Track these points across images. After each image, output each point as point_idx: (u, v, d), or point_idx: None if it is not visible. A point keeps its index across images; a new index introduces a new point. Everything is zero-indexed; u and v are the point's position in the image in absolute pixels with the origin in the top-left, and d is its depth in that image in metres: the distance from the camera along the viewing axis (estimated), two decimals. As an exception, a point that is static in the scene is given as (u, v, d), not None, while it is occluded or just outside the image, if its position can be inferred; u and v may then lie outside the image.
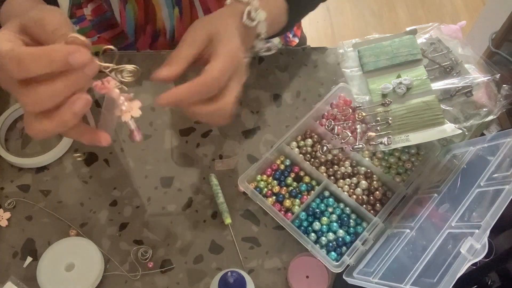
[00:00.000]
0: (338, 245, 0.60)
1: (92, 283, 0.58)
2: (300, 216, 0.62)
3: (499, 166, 0.52)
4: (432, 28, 0.69)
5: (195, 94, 0.46)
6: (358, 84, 0.66)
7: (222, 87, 0.47)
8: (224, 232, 0.63)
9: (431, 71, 0.65)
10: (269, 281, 0.60)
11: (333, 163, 0.66)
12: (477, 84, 0.63)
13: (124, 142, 0.69)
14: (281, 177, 0.65)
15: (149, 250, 0.61)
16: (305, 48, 0.78)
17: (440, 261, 0.47)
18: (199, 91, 0.46)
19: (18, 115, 0.69)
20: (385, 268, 0.54)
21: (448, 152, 0.65)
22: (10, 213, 0.63)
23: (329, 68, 0.76)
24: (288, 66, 0.76)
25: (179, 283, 0.60)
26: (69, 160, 0.67)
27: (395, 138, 0.60)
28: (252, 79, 0.75)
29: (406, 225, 0.58)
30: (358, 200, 0.63)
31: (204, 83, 0.45)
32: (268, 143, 0.70)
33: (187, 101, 0.47)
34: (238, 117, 0.71)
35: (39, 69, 0.37)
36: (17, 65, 0.36)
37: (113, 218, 0.64)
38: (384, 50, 0.66)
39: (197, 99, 0.47)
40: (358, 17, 2.08)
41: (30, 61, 0.36)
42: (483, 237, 0.44)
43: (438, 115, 0.61)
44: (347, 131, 0.65)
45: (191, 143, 0.69)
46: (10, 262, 0.60)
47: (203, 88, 0.46)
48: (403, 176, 0.65)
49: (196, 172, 0.67)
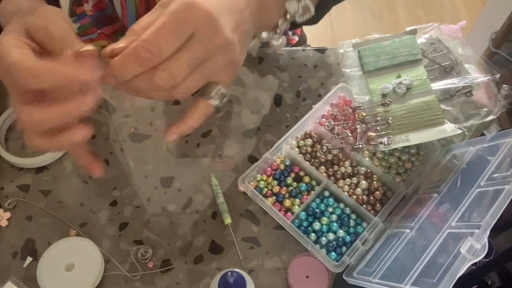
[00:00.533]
0: (338, 245, 0.60)
1: (92, 283, 0.58)
2: (300, 216, 0.62)
3: (499, 166, 0.52)
4: (432, 28, 0.69)
5: (128, 64, 0.38)
6: (358, 84, 0.66)
7: (163, 55, 0.37)
8: (224, 232, 0.63)
9: (431, 71, 0.65)
10: (269, 281, 0.60)
11: (333, 163, 0.66)
12: (477, 84, 0.63)
13: (124, 142, 0.69)
14: (281, 177, 0.65)
15: (149, 250, 0.61)
16: (305, 48, 0.78)
17: (440, 261, 0.47)
18: (130, 60, 0.37)
19: (18, 115, 0.69)
20: (385, 268, 0.54)
21: (448, 152, 0.65)
22: (10, 213, 0.63)
23: (329, 68, 0.76)
24: (288, 66, 0.76)
25: (179, 283, 0.60)
26: (69, 160, 0.67)
27: (395, 138, 0.60)
28: (252, 79, 0.75)
29: (406, 225, 0.58)
30: (358, 200, 0.63)
31: (134, 48, 0.37)
32: (268, 143, 0.70)
33: (123, 75, 0.39)
34: (238, 117, 0.71)
35: (51, 84, 0.37)
36: (33, 78, 0.36)
37: (113, 218, 0.64)
38: (384, 50, 0.66)
39: (131, 72, 0.38)
40: (358, 17, 2.08)
41: (46, 76, 0.36)
42: (483, 237, 0.44)
43: (438, 115, 0.61)
44: (347, 131, 0.65)
45: (191, 143, 0.69)
46: (10, 262, 0.60)
47: (133, 54, 0.37)
48: (403, 176, 0.65)
49: (196, 172, 0.67)
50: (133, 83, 0.39)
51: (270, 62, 0.76)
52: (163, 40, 0.37)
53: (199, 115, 0.44)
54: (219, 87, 0.44)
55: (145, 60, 0.37)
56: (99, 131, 0.69)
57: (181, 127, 0.44)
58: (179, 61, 0.38)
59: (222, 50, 0.40)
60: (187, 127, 0.44)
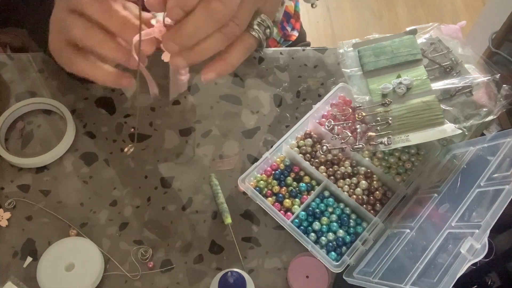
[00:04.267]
0: (338, 245, 0.60)
1: (92, 283, 0.58)
2: (300, 216, 0.62)
3: (499, 166, 0.52)
4: (432, 28, 0.69)
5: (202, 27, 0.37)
6: (358, 84, 0.66)
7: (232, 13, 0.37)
8: (224, 232, 0.63)
9: (431, 71, 0.65)
10: (269, 281, 0.60)
11: (333, 163, 0.66)
12: (477, 84, 0.63)
13: (124, 142, 0.69)
14: (281, 177, 0.65)
15: (149, 250, 0.61)
16: (305, 48, 0.78)
17: (440, 261, 0.47)
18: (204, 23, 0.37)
19: (18, 115, 0.69)
20: (385, 268, 0.54)
21: (448, 152, 0.65)
22: (10, 213, 0.63)
23: (329, 68, 0.76)
24: (288, 66, 0.76)
25: (179, 283, 0.60)
26: (69, 160, 0.67)
27: (395, 138, 0.60)
28: (252, 79, 0.75)
29: (406, 225, 0.58)
30: (358, 200, 0.63)
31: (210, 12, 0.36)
32: (268, 143, 0.70)
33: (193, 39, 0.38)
34: (238, 117, 0.71)
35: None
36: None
37: (113, 218, 0.64)
38: (384, 50, 0.66)
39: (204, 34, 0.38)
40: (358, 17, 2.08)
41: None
42: (483, 237, 0.44)
43: (438, 115, 0.61)
44: (347, 131, 0.65)
45: (191, 143, 0.69)
46: (10, 262, 0.60)
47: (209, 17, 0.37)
48: (403, 176, 0.65)
49: (196, 172, 0.67)
50: (206, 44, 0.38)
51: (270, 62, 0.76)
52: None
53: (240, 50, 0.40)
54: (262, 16, 0.41)
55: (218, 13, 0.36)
56: (99, 131, 0.69)
57: (218, 65, 0.40)
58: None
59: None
60: (227, 63, 0.40)
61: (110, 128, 0.70)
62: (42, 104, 0.69)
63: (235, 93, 0.73)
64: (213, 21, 0.37)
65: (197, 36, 0.38)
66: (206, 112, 0.72)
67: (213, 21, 0.37)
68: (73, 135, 0.67)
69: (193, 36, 0.37)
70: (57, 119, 0.70)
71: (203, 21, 0.36)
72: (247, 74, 0.75)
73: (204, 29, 0.37)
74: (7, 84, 0.72)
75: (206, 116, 0.71)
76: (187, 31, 0.37)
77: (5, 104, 0.70)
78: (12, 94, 0.71)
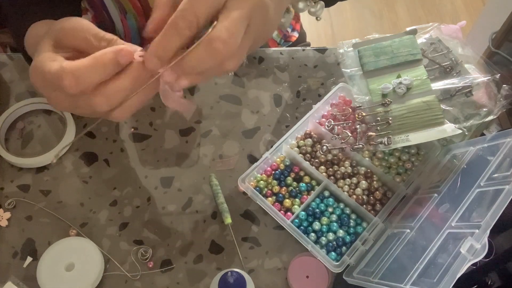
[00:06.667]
0: (338, 245, 0.60)
1: (92, 283, 0.58)
2: (300, 216, 0.62)
3: (499, 166, 0.52)
4: (432, 28, 0.69)
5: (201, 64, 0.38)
6: (358, 84, 0.66)
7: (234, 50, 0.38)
8: (224, 232, 0.63)
9: (431, 71, 0.65)
10: (269, 281, 0.60)
11: (333, 163, 0.66)
12: (477, 84, 0.63)
13: (124, 142, 0.69)
14: (281, 177, 0.65)
15: (149, 250, 0.61)
16: (305, 48, 0.78)
17: (440, 261, 0.47)
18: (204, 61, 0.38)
19: (18, 115, 0.69)
20: (385, 268, 0.54)
21: (448, 152, 0.65)
22: (10, 213, 0.63)
23: (329, 68, 0.76)
24: (288, 66, 0.76)
25: (179, 283, 0.60)
26: (69, 160, 0.67)
27: (395, 138, 0.60)
28: (252, 79, 0.75)
29: (406, 225, 0.58)
30: (358, 200, 0.63)
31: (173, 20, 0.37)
32: (268, 143, 0.70)
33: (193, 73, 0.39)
34: (238, 117, 0.71)
35: (96, 78, 0.37)
36: (75, 80, 0.36)
37: (113, 218, 0.64)
38: (384, 50, 0.66)
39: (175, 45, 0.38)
40: (358, 17, 2.08)
41: (86, 72, 0.36)
42: (483, 237, 0.44)
43: (438, 115, 0.61)
44: (347, 131, 0.65)
45: (191, 143, 0.69)
46: (10, 262, 0.60)
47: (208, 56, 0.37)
48: (403, 176, 0.65)
49: (196, 172, 0.67)
50: (189, 63, 0.38)
51: (270, 62, 0.76)
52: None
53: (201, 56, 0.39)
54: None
55: (185, 29, 0.36)
56: (99, 131, 0.69)
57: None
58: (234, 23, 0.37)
59: (258, 8, 0.39)
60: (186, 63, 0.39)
61: (110, 128, 0.70)
62: (42, 104, 0.70)
63: (235, 93, 0.73)
64: (213, 59, 0.38)
65: (195, 70, 0.39)
66: (206, 112, 0.72)
67: (213, 59, 0.38)
68: (73, 135, 0.67)
69: (192, 69, 0.39)
70: (57, 119, 0.70)
71: (204, 58, 0.37)
72: (247, 74, 0.75)
73: (203, 65, 0.38)
74: (7, 84, 0.72)
75: (206, 116, 0.71)
76: (187, 64, 0.38)
77: (5, 104, 0.70)
78: (12, 94, 0.71)
